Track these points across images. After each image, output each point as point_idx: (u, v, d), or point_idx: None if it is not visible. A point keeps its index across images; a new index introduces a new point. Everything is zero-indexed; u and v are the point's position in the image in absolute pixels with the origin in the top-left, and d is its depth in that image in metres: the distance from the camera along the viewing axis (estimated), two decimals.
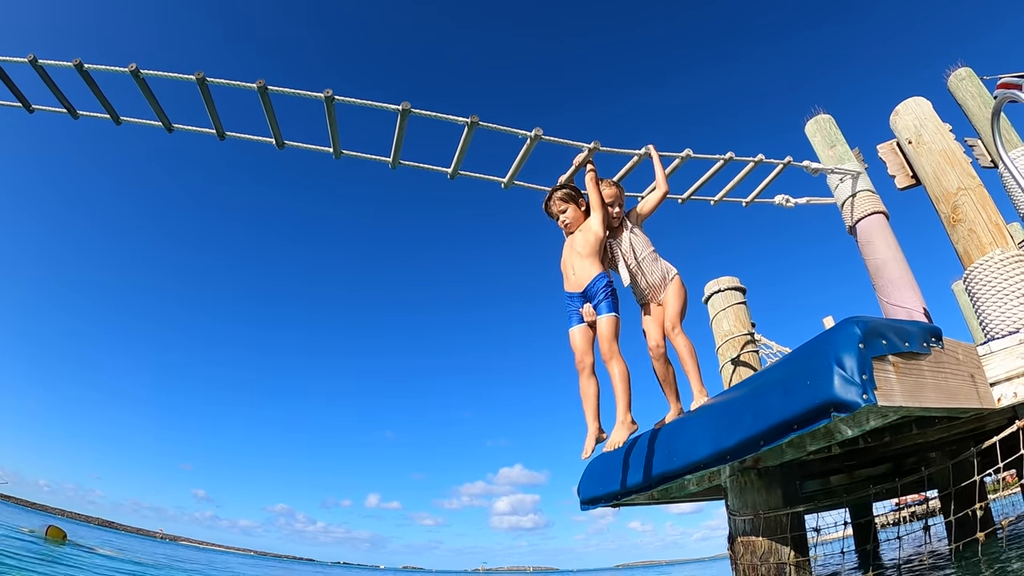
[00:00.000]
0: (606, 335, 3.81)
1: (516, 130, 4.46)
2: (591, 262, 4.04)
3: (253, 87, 4.13)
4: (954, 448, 4.71)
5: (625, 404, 3.64)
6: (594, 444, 3.70)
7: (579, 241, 4.16)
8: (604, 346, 3.79)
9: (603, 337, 3.82)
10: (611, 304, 3.89)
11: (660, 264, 4.42)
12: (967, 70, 7.84)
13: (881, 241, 5.73)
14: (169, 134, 4.82)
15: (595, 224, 4.17)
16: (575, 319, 4.01)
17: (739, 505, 3.76)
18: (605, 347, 3.79)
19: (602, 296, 3.91)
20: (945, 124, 5.19)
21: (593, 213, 4.22)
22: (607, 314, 3.85)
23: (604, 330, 3.83)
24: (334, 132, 4.43)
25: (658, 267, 4.40)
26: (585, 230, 4.20)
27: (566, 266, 4.17)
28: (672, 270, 4.44)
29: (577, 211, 4.30)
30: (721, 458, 3.10)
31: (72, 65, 4.44)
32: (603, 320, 3.85)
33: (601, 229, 4.16)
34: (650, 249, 4.43)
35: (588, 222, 4.22)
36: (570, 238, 4.27)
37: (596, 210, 4.21)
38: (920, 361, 2.89)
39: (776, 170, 5.83)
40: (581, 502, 4.37)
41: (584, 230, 4.20)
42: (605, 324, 3.83)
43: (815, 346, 2.82)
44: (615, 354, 3.77)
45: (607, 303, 3.88)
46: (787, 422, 2.71)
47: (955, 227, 4.55)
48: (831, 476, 4.87)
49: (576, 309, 4.02)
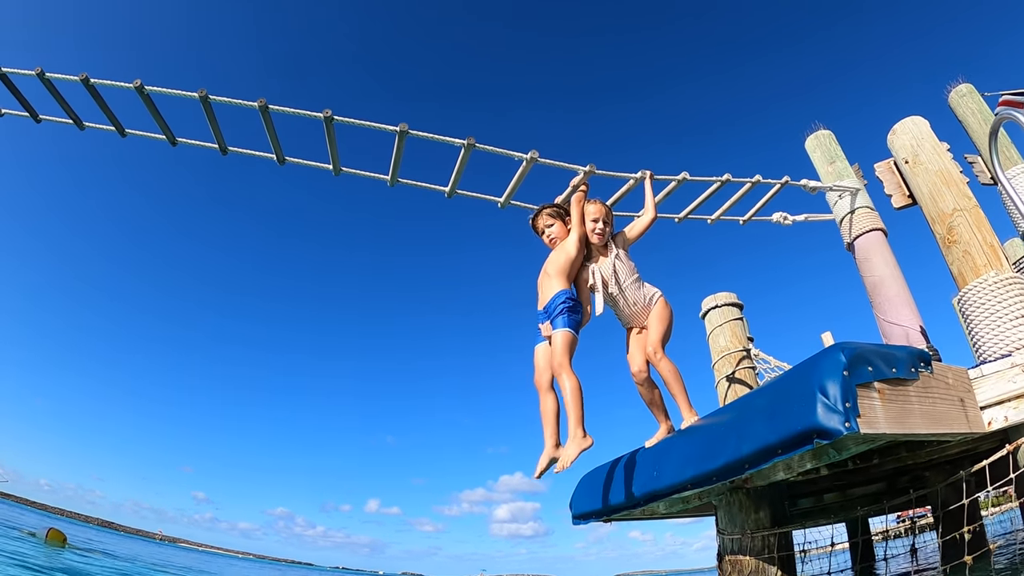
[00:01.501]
0: (557, 349, 3.73)
1: (512, 152, 4.49)
2: (558, 281, 4.01)
3: (255, 105, 4.20)
4: (949, 467, 4.71)
5: (576, 419, 3.53)
6: (547, 463, 3.56)
7: (551, 260, 4.15)
8: (554, 360, 3.71)
9: (553, 351, 3.75)
10: (566, 319, 3.82)
11: (644, 290, 4.34)
12: (968, 86, 7.86)
13: (879, 258, 5.74)
14: (173, 147, 4.90)
15: (570, 243, 4.15)
16: (539, 336, 3.99)
17: (727, 524, 3.79)
18: (555, 361, 3.70)
19: (557, 312, 3.85)
20: (943, 143, 5.20)
21: (572, 231, 4.21)
22: (560, 329, 3.78)
23: (555, 344, 3.75)
24: (333, 150, 4.49)
25: (641, 293, 4.32)
26: (559, 249, 4.18)
27: (539, 284, 4.16)
28: (656, 293, 4.35)
29: (563, 228, 4.30)
30: (707, 479, 3.14)
31: (79, 79, 4.53)
32: (556, 335, 3.78)
33: (575, 249, 4.14)
34: (634, 276, 4.34)
35: (565, 241, 4.21)
36: (549, 256, 4.26)
37: (574, 228, 4.20)
38: (907, 387, 2.91)
39: (773, 190, 5.85)
40: (573, 517, 4.41)
41: (559, 248, 4.19)
42: (557, 338, 3.76)
43: (800, 372, 2.85)
44: (564, 368, 3.67)
45: (561, 318, 3.82)
46: (771, 447, 2.75)
47: (950, 248, 4.55)
48: (824, 494, 4.88)
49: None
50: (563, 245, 4.20)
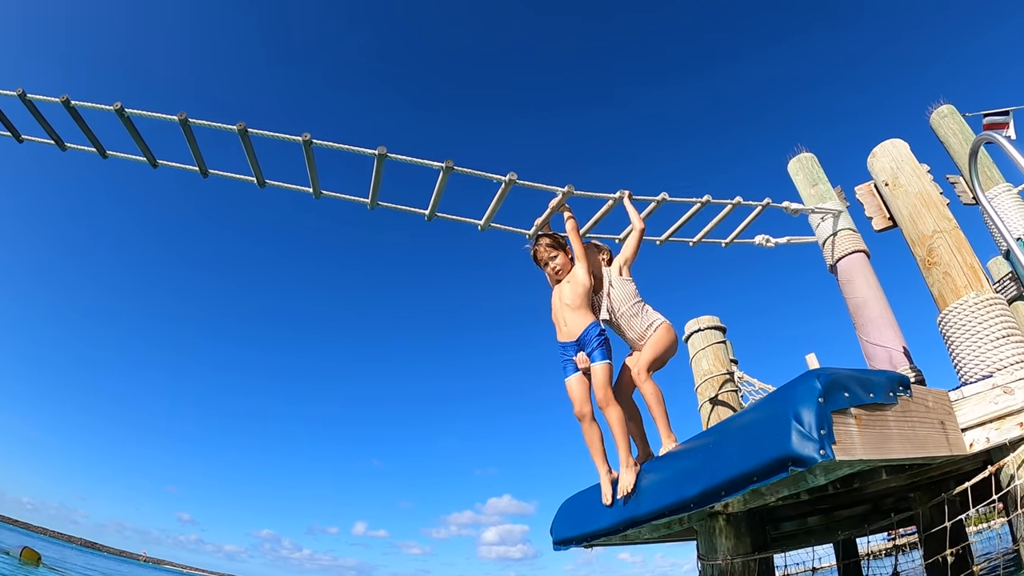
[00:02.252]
0: (600, 383, 3.90)
1: (491, 175, 4.50)
2: (582, 313, 4.13)
3: (234, 129, 4.19)
4: (933, 488, 4.69)
5: (626, 448, 3.81)
6: (611, 487, 3.84)
7: (567, 293, 4.22)
8: (599, 393, 3.89)
9: (597, 385, 3.91)
10: (604, 352, 3.98)
11: (645, 316, 4.25)
12: (949, 107, 7.97)
13: (862, 280, 5.75)
14: (154, 169, 4.88)
15: (580, 274, 4.24)
16: (570, 368, 4.07)
17: (707, 550, 3.77)
18: (600, 394, 3.89)
19: (595, 344, 4.00)
20: (923, 165, 5.22)
21: (577, 263, 4.29)
22: (600, 362, 3.94)
23: (598, 378, 3.92)
24: (313, 174, 4.48)
25: (639, 320, 4.23)
26: (573, 281, 4.25)
27: (558, 318, 4.24)
28: (657, 320, 4.24)
29: (565, 259, 4.40)
30: (685, 506, 3.11)
31: (59, 101, 4.51)
32: (597, 368, 3.94)
33: (587, 279, 4.22)
34: (632, 300, 4.27)
35: (574, 272, 4.29)
36: (558, 289, 4.33)
37: (580, 260, 4.28)
38: (885, 412, 2.90)
39: (755, 212, 5.87)
40: (554, 542, 4.37)
41: (572, 281, 4.26)
42: (599, 372, 3.92)
43: (776, 399, 2.84)
44: (610, 401, 3.88)
45: (600, 351, 3.97)
46: (747, 475, 2.73)
47: (930, 270, 4.56)
48: (808, 517, 4.85)
49: (570, 358, 4.09)
50: (575, 276, 4.28)
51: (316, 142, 4.20)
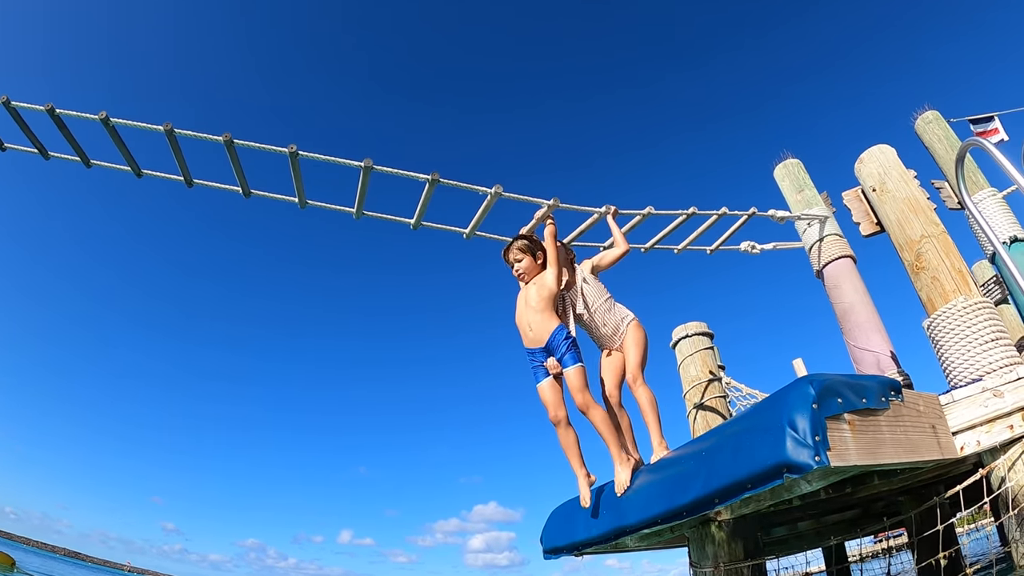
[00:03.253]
0: (576, 386, 3.85)
1: (476, 187, 4.49)
2: (547, 316, 4.05)
3: (220, 140, 4.15)
4: (923, 492, 4.70)
5: (617, 445, 3.79)
6: (589, 491, 3.82)
7: (532, 296, 4.15)
8: (577, 398, 3.84)
9: (574, 389, 3.86)
10: (575, 355, 3.91)
11: (615, 312, 4.36)
12: (934, 113, 8.04)
13: (848, 285, 5.77)
14: (139, 179, 4.82)
15: (549, 278, 4.17)
16: (541, 374, 4.01)
17: (699, 557, 3.75)
18: (579, 399, 3.83)
19: (564, 348, 3.92)
20: (910, 170, 5.25)
21: (549, 267, 4.22)
22: (573, 366, 3.88)
23: (573, 382, 3.86)
24: (299, 184, 4.45)
25: (612, 316, 4.33)
26: (539, 284, 4.18)
27: (522, 321, 4.16)
28: (629, 316, 4.35)
29: (532, 263, 4.29)
30: (677, 515, 3.09)
31: (44, 109, 4.45)
32: (570, 372, 3.88)
33: (555, 284, 4.16)
34: (604, 297, 4.37)
35: (543, 276, 4.21)
36: (524, 291, 4.26)
37: (552, 265, 4.21)
38: (878, 417, 2.90)
39: (740, 221, 5.89)
40: (544, 551, 4.34)
41: (538, 284, 4.18)
42: (573, 376, 3.86)
43: (769, 405, 2.83)
44: (590, 403, 3.84)
45: (571, 355, 3.91)
46: (741, 482, 2.72)
47: (919, 275, 4.57)
48: (799, 523, 4.85)
49: (540, 364, 4.02)
50: (542, 280, 4.20)
51: (302, 154, 4.16)
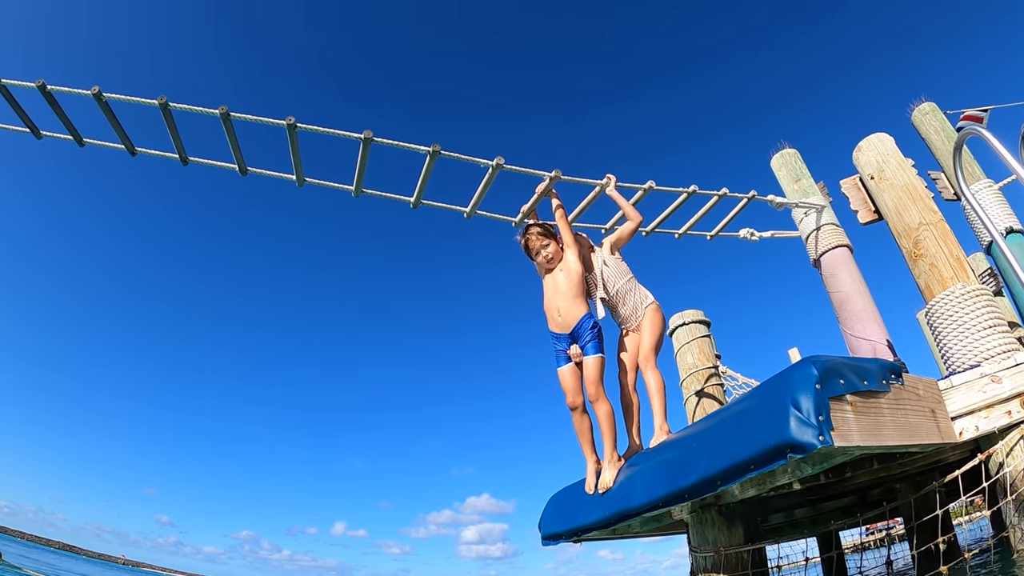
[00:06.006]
0: (592, 377, 3.90)
1: (477, 159, 4.42)
2: (577, 303, 4.08)
3: (216, 113, 4.07)
4: (919, 479, 4.72)
5: (612, 443, 3.83)
6: (595, 477, 3.87)
7: (562, 281, 4.15)
8: (591, 388, 3.89)
9: (589, 379, 3.91)
10: (597, 345, 3.95)
11: (637, 293, 4.34)
12: (930, 104, 8.04)
13: (845, 274, 5.77)
14: (132, 157, 4.74)
15: (573, 262, 4.17)
16: (563, 359, 4.05)
17: (700, 542, 3.74)
18: (592, 389, 3.89)
19: (589, 337, 3.96)
20: (908, 159, 5.26)
21: (567, 250, 4.22)
22: (593, 355, 3.92)
23: (590, 372, 3.91)
24: (297, 160, 4.38)
25: (633, 296, 4.32)
26: (566, 269, 4.17)
27: (551, 307, 4.15)
28: (648, 298, 4.35)
29: (556, 247, 4.28)
30: (679, 497, 3.08)
31: (35, 86, 4.36)
32: (589, 362, 3.92)
33: (579, 266, 4.17)
34: (626, 277, 4.36)
35: (565, 259, 4.21)
36: (551, 277, 4.24)
37: (570, 247, 4.21)
38: (879, 399, 2.90)
39: (740, 204, 5.87)
40: (543, 537, 4.31)
41: (565, 269, 4.18)
42: (591, 366, 3.91)
43: (772, 386, 2.81)
44: (600, 396, 3.88)
45: (593, 344, 3.94)
46: (744, 463, 2.70)
47: (917, 262, 4.59)
48: (796, 509, 4.85)
49: (563, 350, 4.06)
50: (567, 264, 4.19)
51: (301, 126, 4.09)
